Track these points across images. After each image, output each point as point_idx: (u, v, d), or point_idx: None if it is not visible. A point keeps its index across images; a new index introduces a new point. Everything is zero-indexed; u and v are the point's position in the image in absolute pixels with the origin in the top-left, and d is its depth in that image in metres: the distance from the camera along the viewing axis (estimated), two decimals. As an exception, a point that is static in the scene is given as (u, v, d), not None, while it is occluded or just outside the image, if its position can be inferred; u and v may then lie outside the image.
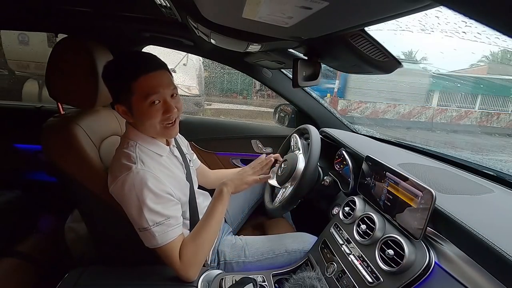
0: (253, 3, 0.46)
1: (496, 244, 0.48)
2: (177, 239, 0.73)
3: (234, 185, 0.85)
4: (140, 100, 0.71)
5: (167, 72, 0.76)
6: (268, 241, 0.96)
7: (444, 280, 0.55)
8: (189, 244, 0.75)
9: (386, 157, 0.83)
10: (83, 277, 0.75)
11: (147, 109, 0.71)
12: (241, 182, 0.86)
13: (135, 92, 0.70)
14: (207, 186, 1.13)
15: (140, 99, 0.70)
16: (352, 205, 0.85)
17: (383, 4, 0.41)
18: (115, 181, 0.72)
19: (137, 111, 0.72)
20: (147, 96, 0.70)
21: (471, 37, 0.60)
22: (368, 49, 0.64)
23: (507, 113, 6.45)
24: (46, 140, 0.78)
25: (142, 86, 0.70)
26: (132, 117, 0.74)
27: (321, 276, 0.78)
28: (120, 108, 0.74)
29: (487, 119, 6.46)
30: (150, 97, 0.70)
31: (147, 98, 0.70)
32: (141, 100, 0.70)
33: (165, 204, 0.72)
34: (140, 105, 0.71)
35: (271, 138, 1.50)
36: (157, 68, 0.72)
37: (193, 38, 1.16)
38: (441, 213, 0.60)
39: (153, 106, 0.71)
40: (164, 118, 0.74)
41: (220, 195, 0.82)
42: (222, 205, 0.81)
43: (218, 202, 0.81)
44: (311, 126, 1.04)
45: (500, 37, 0.60)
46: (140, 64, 0.71)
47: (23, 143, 1.54)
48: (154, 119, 0.73)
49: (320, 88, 5.70)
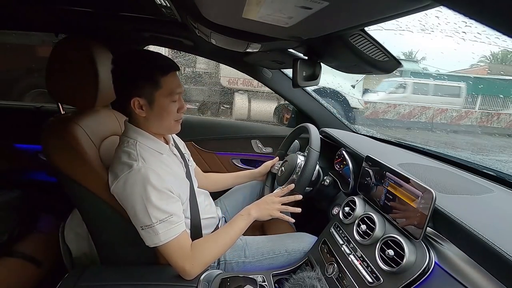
0: (253, 3, 0.46)
1: (496, 244, 0.48)
2: (180, 236, 0.73)
3: (260, 213, 0.87)
4: (164, 96, 0.74)
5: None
6: (268, 241, 0.96)
7: (444, 280, 0.55)
8: (205, 242, 0.78)
9: (386, 157, 0.83)
10: (83, 277, 0.75)
11: (168, 104, 0.76)
12: (267, 213, 0.87)
13: (162, 87, 0.73)
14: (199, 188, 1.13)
15: (164, 95, 0.74)
16: (352, 205, 0.85)
17: (383, 4, 0.41)
18: (117, 180, 0.72)
19: (159, 106, 0.75)
20: (172, 92, 0.75)
21: (471, 37, 0.60)
22: (368, 49, 0.64)
23: (507, 113, 6.45)
24: (46, 140, 0.78)
25: (170, 83, 0.74)
26: (149, 111, 0.75)
27: (321, 276, 0.78)
28: (138, 101, 0.74)
29: (487, 119, 6.45)
30: (174, 94, 0.75)
31: (171, 95, 0.75)
32: (165, 96, 0.74)
33: (167, 201, 0.73)
34: (163, 100, 0.75)
35: (271, 138, 1.50)
36: (177, 68, 0.77)
37: (193, 38, 1.16)
38: (441, 213, 0.60)
39: (173, 103, 0.76)
40: (177, 115, 0.79)
41: (247, 215, 0.85)
42: (245, 223, 0.84)
43: (244, 219, 0.85)
44: (310, 125, 1.04)
45: (500, 37, 0.60)
46: (168, 62, 0.75)
47: (23, 143, 1.54)
48: (171, 114, 0.77)
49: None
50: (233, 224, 0.84)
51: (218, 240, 0.80)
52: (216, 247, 0.79)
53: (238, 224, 0.83)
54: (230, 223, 0.84)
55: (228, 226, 0.83)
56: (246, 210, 0.87)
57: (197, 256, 0.74)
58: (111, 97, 0.86)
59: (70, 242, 0.95)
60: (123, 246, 0.86)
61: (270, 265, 0.91)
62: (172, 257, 0.73)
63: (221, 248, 0.80)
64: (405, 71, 5.84)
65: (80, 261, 0.94)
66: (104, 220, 0.83)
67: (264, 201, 0.90)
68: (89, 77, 0.81)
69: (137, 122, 0.79)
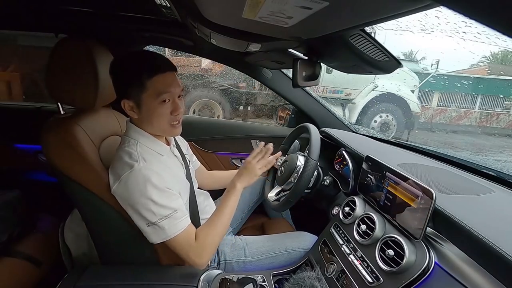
0: (253, 3, 0.46)
1: (496, 244, 0.48)
2: (187, 228, 0.75)
3: (246, 180, 0.89)
4: (151, 97, 0.73)
5: (176, 75, 0.78)
6: (268, 241, 0.96)
7: (444, 280, 0.55)
8: (204, 229, 0.79)
9: (386, 157, 0.83)
10: (83, 277, 0.75)
11: (157, 107, 0.74)
12: (250, 175, 0.90)
13: (148, 89, 0.72)
14: (204, 187, 1.13)
15: (152, 97, 0.73)
16: (352, 205, 0.85)
17: (383, 4, 0.41)
18: (118, 180, 0.72)
19: (146, 108, 0.74)
20: (159, 94, 0.72)
21: (471, 37, 0.60)
22: (368, 49, 0.64)
23: (507, 113, 6.43)
24: (46, 140, 0.78)
25: (156, 84, 0.72)
26: (139, 113, 0.75)
27: (321, 276, 0.78)
28: (127, 103, 0.74)
29: (486, 120, 6.44)
30: (162, 95, 0.73)
31: (158, 96, 0.72)
32: (152, 98, 0.73)
33: (170, 198, 0.73)
34: (151, 102, 0.73)
35: (271, 138, 1.50)
36: (171, 69, 0.75)
37: (193, 38, 1.16)
38: (441, 213, 0.60)
39: (163, 104, 0.74)
40: (171, 118, 0.76)
41: (233, 189, 0.87)
42: (235, 197, 0.86)
43: (232, 194, 0.86)
44: (310, 124, 1.04)
45: (500, 37, 0.60)
46: (156, 63, 0.73)
47: (23, 143, 1.54)
48: (163, 117, 0.75)
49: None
50: (224, 203, 0.85)
51: (217, 224, 0.81)
52: (217, 231, 0.80)
53: (229, 202, 0.85)
54: (222, 203, 0.85)
55: (221, 207, 0.84)
56: (231, 184, 0.89)
57: (203, 246, 0.76)
58: (111, 97, 0.86)
59: (70, 242, 0.95)
60: (123, 246, 0.86)
61: (270, 264, 0.91)
62: (182, 250, 0.74)
63: (221, 230, 0.81)
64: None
65: (80, 261, 0.94)
66: (104, 220, 0.82)
67: (244, 168, 0.93)
68: (89, 77, 0.81)
69: (136, 123, 0.79)
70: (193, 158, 1.09)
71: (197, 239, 0.76)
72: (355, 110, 4.66)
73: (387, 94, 4.54)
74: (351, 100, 4.72)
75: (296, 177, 0.96)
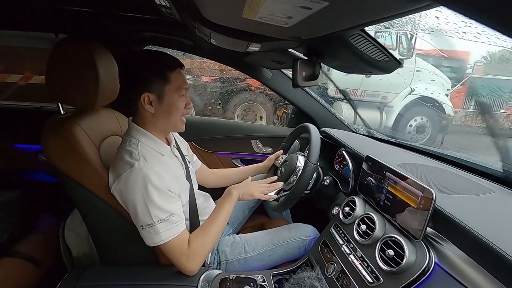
0: (253, 3, 0.46)
1: (496, 244, 0.48)
2: (181, 234, 0.74)
3: (242, 192, 0.90)
4: (173, 90, 0.77)
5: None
6: (266, 235, 0.99)
7: (444, 280, 0.55)
8: (198, 235, 0.78)
9: (386, 157, 0.83)
10: (83, 277, 0.75)
11: (177, 99, 0.78)
12: (248, 192, 0.91)
13: (171, 82, 0.76)
14: (207, 185, 1.14)
15: (174, 89, 0.77)
16: (352, 205, 0.85)
17: (383, 4, 0.41)
18: (118, 178, 0.72)
19: (167, 101, 0.77)
20: (179, 87, 0.78)
21: (471, 37, 0.60)
22: (368, 49, 0.64)
23: (502, 113, 6.40)
24: (46, 140, 0.78)
25: (178, 78, 0.78)
26: (159, 106, 0.77)
27: (321, 276, 0.78)
28: (149, 96, 0.76)
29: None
30: (182, 89, 0.78)
31: (179, 89, 0.78)
32: (174, 90, 0.77)
33: (168, 200, 0.73)
34: (172, 95, 0.77)
35: (271, 138, 1.50)
36: (182, 66, 0.80)
37: (193, 38, 1.15)
38: (441, 213, 0.60)
39: (181, 98, 0.79)
40: (184, 111, 0.81)
41: (229, 196, 0.87)
42: (229, 205, 0.86)
43: (227, 201, 0.86)
44: (311, 125, 1.05)
45: (500, 37, 0.60)
46: (173, 58, 0.79)
47: (23, 143, 1.53)
48: (179, 110, 0.80)
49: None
50: (218, 210, 0.85)
51: (210, 231, 0.80)
52: (210, 238, 0.79)
53: (224, 209, 0.85)
54: (216, 210, 0.85)
55: (215, 214, 0.84)
56: (227, 191, 0.89)
57: (195, 252, 0.75)
58: (111, 97, 0.86)
59: (70, 242, 0.95)
60: (123, 246, 0.86)
61: (271, 257, 0.93)
62: (173, 255, 0.73)
63: (214, 237, 0.81)
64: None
65: (80, 261, 0.94)
66: (104, 220, 0.83)
67: (246, 182, 0.95)
68: (89, 77, 0.81)
69: (143, 121, 0.80)
70: (194, 158, 1.09)
71: (189, 245, 0.75)
72: (392, 113, 4.59)
73: (423, 97, 4.48)
74: (388, 103, 4.68)
75: (295, 178, 0.96)
